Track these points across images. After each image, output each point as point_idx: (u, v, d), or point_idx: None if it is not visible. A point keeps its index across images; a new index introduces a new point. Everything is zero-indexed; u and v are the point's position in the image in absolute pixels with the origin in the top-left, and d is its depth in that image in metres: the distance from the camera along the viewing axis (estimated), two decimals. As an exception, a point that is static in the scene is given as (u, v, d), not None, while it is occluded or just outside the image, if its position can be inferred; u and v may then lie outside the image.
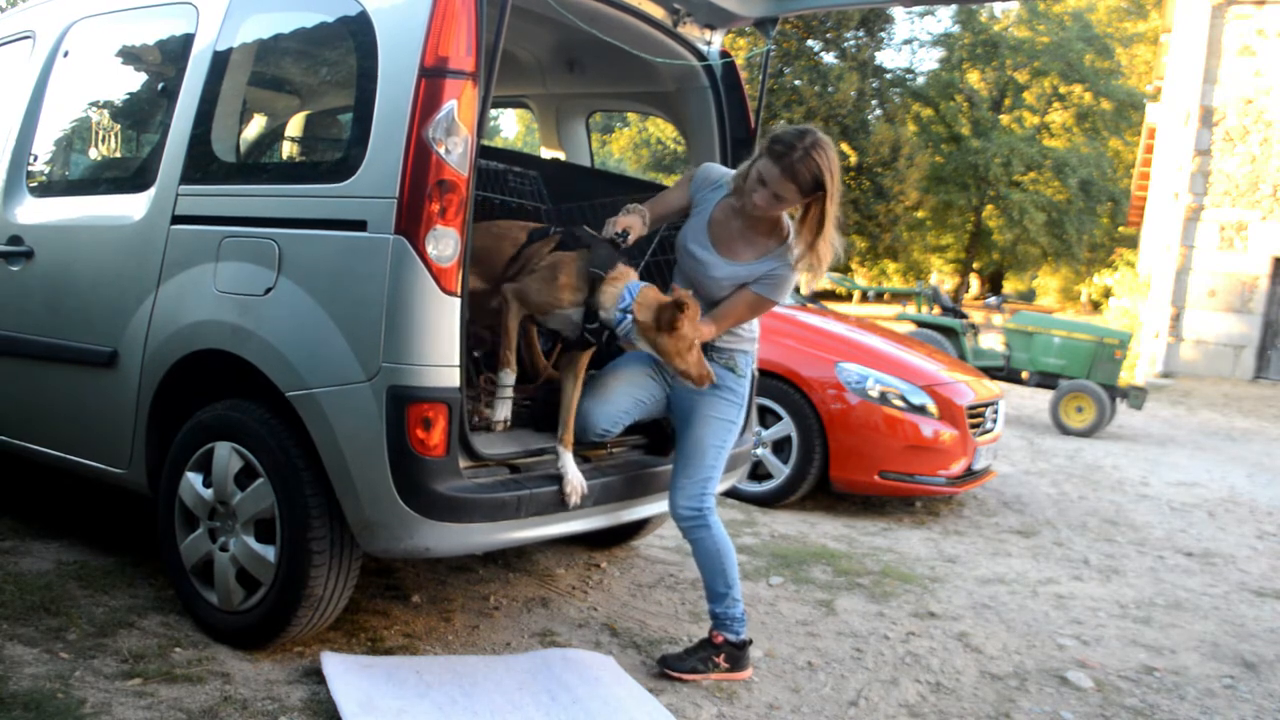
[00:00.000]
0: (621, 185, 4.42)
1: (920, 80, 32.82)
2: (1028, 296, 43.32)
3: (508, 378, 2.99)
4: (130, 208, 3.19)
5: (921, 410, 5.28)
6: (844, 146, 26.64)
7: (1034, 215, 29.42)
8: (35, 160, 3.68)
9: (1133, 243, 27.06)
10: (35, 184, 3.64)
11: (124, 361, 3.13)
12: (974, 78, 33.58)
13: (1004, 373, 9.93)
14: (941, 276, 38.82)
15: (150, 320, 3.05)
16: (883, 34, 28.57)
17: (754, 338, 3.21)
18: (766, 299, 3.04)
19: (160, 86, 3.40)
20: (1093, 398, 9.11)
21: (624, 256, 2.97)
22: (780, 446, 5.31)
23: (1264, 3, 15.30)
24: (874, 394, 5.23)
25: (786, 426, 5.28)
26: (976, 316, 14.68)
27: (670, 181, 3.61)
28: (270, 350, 2.73)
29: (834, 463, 5.23)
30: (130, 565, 3.48)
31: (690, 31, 3.59)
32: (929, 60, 48.19)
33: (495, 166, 4.00)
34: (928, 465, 5.27)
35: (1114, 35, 33.67)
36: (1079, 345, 9.64)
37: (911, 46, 39.23)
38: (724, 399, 3.10)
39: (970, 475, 5.51)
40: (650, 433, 3.34)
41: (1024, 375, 9.96)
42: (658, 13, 3.44)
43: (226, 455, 2.86)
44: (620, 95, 4.61)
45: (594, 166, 4.95)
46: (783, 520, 5.10)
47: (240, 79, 3.13)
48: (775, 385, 5.26)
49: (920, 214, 30.81)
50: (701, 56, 3.66)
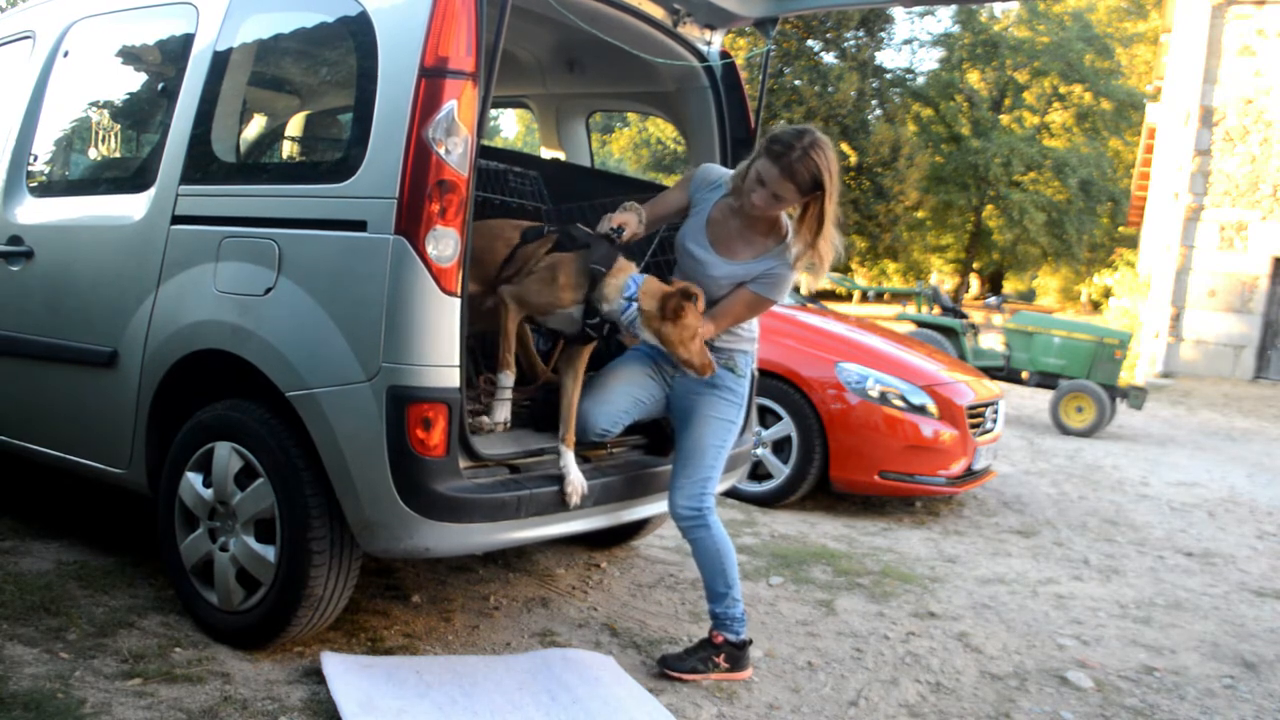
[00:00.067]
0: (621, 185, 4.42)
1: (920, 80, 32.82)
2: (1028, 296, 43.32)
3: (507, 380, 2.99)
4: (130, 208, 3.19)
5: (921, 410, 5.28)
6: (844, 146, 26.63)
7: (1034, 215, 29.43)
8: (35, 160, 3.68)
9: (1133, 243, 27.06)
10: (35, 184, 3.64)
11: (124, 361, 3.13)
12: (974, 78, 33.58)
13: (1004, 373, 9.93)
14: (941, 276, 38.82)
15: (150, 320, 3.05)
16: (883, 34, 28.58)
17: (753, 337, 3.21)
18: (765, 298, 3.04)
19: (160, 86, 3.40)
20: (1093, 398, 9.11)
21: (623, 252, 2.97)
22: (780, 446, 5.31)
23: (1264, 3, 15.30)
24: (874, 394, 5.23)
25: (786, 426, 5.28)
26: (976, 316, 14.68)
27: (670, 181, 3.61)
28: (270, 350, 2.73)
29: (834, 463, 5.24)
30: (130, 565, 3.48)
31: (690, 31, 3.59)
32: (929, 60, 48.26)
33: (495, 166, 4.00)
34: (928, 465, 5.27)
35: (1114, 35, 33.68)
36: (1079, 345, 9.64)
37: (911, 46, 39.30)
38: (723, 399, 3.10)
39: (970, 475, 5.51)
40: (650, 433, 3.34)
41: (1024, 375, 9.96)
42: (658, 13, 3.44)
43: (226, 455, 2.86)
44: (620, 95, 4.61)
45: (594, 166, 4.95)
46: (783, 520, 5.10)
47: (240, 79, 3.13)
48: (775, 385, 5.26)
49: (920, 214, 30.81)
50: (701, 57, 3.66)
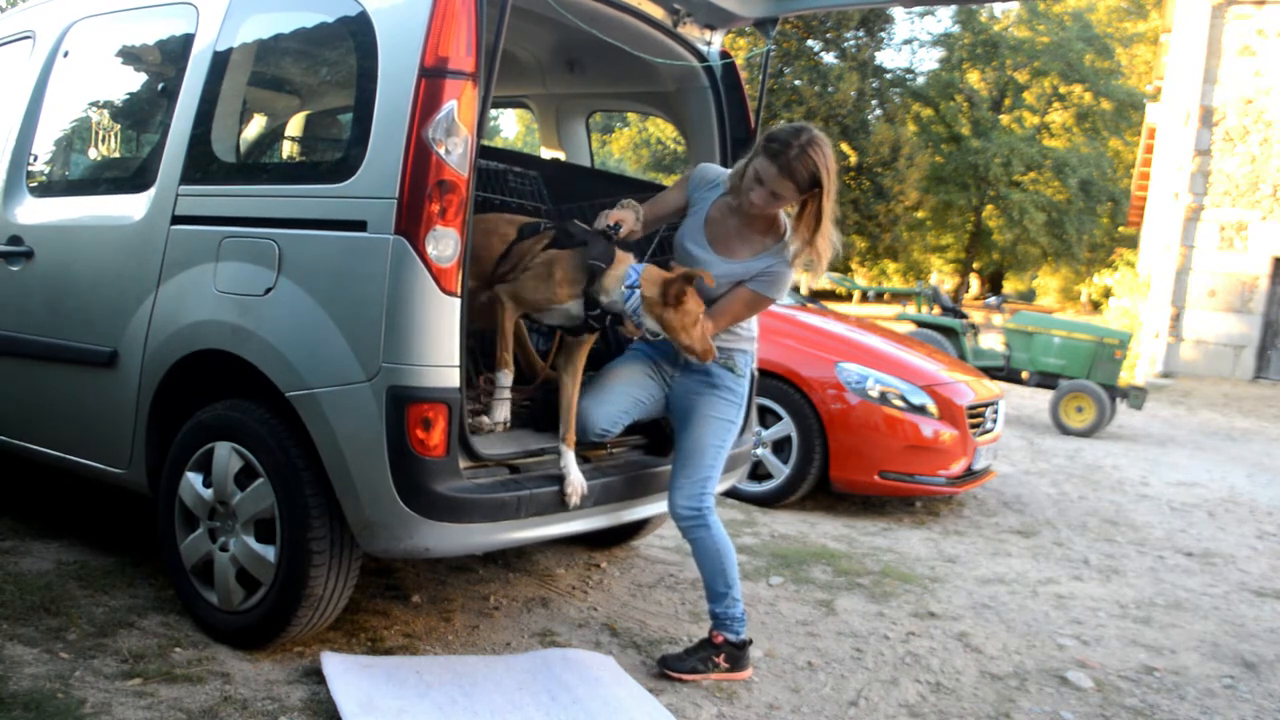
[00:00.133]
0: (621, 185, 4.42)
1: (920, 80, 32.82)
2: (1028, 296, 43.31)
3: (505, 379, 2.98)
4: (130, 208, 3.19)
5: (921, 410, 5.28)
6: (844, 146, 26.64)
7: (1034, 215, 29.43)
8: (35, 160, 3.68)
9: (1133, 243, 27.06)
10: (35, 184, 3.64)
11: (124, 361, 3.13)
12: (974, 78, 33.58)
13: (1004, 373, 9.92)
14: (941, 276, 38.82)
15: (150, 320, 3.05)
16: (883, 34, 28.59)
17: (753, 337, 3.21)
18: (764, 296, 3.04)
19: (160, 86, 3.40)
20: (1093, 398, 9.11)
21: (630, 248, 2.97)
22: (780, 446, 5.31)
23: (1264, 3, 15.30)
24: (874, 394, 5.23)
25: (786, 426, 5.28)
26: (976, 316, 14.68)
27: (670, 181, 3.61)
28: (270, 350, 2.73)
29: (834, 463, 5.23)
30: (130, 565, 3.48)
31: (690, 32, 3.59)
32: (929, 60, 48.26)
33: (495, 166, 3.99)
34: (928, 465, 5.27)
35: (1114, 35, 33.68)
36: (1079, 345, 9.64)
37: (911, 46, 39.31)
38: (723, 398, 3.10)
39: (970, 475, 5.51)
40: (650, 433, 3.34)
41: (1024, 375, 9.96)
42: (658, 13, 3.44)
43: (226, 455, 2.86)
44: (620, 95, 4.61)
45: (594, 166, 4.95)
46: (783, 520, 5.10)
47: (240, 79, 3.13)
48: (775, 385, 5.26)
49: (920, 214, 30.81)
50: (701, 57, 3.65)
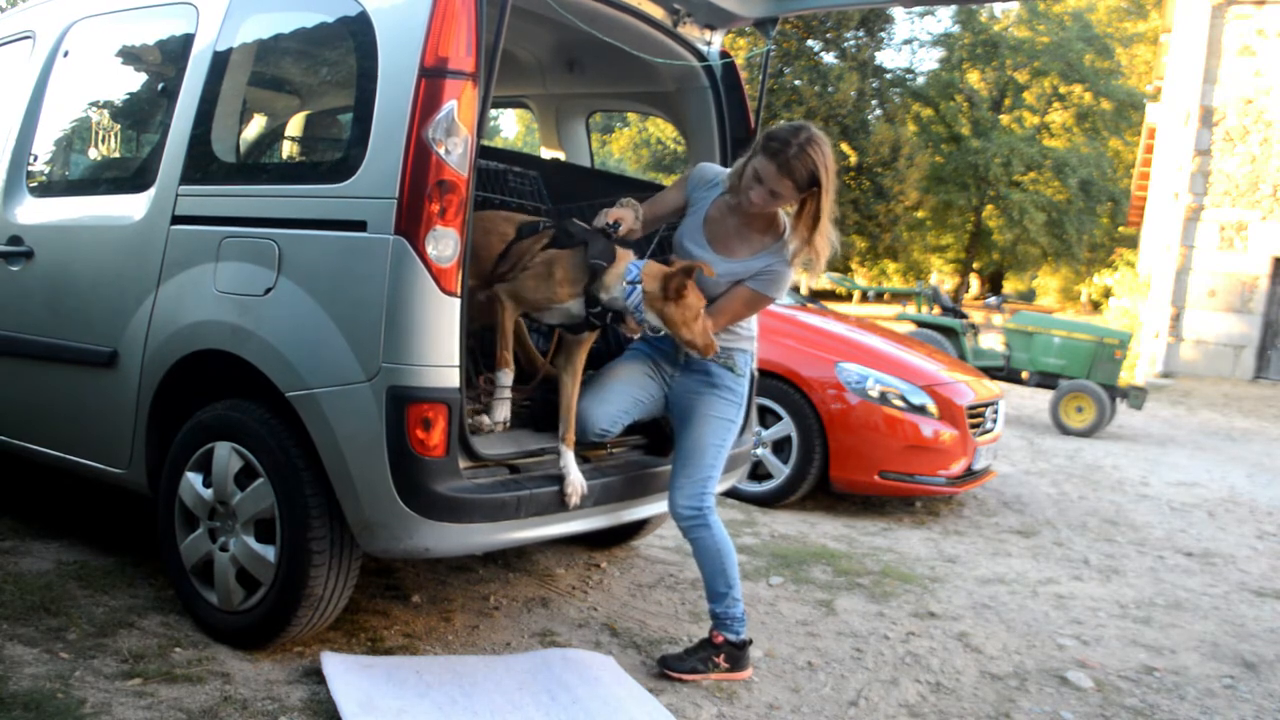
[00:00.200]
0: (621, 185, 4.42)
1: (920, 80, 32.83)
2: (1028, 296, 43.31)
3: (506, 378, 2.97)
4: (130, 208, 3.19)
5: (921, 410, 5.28)
6: (844, 146, 26.63)
7: (1034, 215, 29.43)
8: (35, 160, 3.68)
9: (1133, 243, 27.06)
10: (35, 184, 3.64)
11: (124, 361, 3.13)
12: (974, 78, 33.58)
13: (1004, 373, 9.92)
14: (941, 276, 38.82)
15: (150, 320, 3.05)
16: (883, 34, 28.60)
17: (752, 336, 3.21)
18: (763, 295, 3.04)
19: (160, 86, 3.40)
20: (1093, 398, 9.11)
21: (629, 247, 2.97)
22: (780, 446, 5.31)
23: (1264, 3, 15.30)
24: (874, 394, 5.23)
25: (786, 426, 5.28)
26: (976, 316, 14.68)
27: (670, 181, 3.61)
28: (270, 350, 2.73)
29: (834, 463, 5.23)
30: (130, 565, 3.48)
31: (690, 32, 3.59)
32: (929, 60, 48.26)
33: (495, 166, 4.00)
34: (928, 465, 5.27)
35: (1114, 35, 33.68)
36: (1079, 345, 9.64)
37: (911, 46, 39.31)
38: (723, 398, 3.10)
39: (970, 475, 5.51)
40: (650, 433, 3.33)
41: (1024, 375, 9.96)
42: (657, 13, 3.44)
43: (226, 455, 2.86)
44: (620, 95, 4.61)
45: (594, 166, 4.95)
46: (783, 520, 5.10)
47: (240, 79, 3.13)
48: (775, 385, 5.26)
49: (920, 214, 30.82)
50: (701, 57, 3.65)
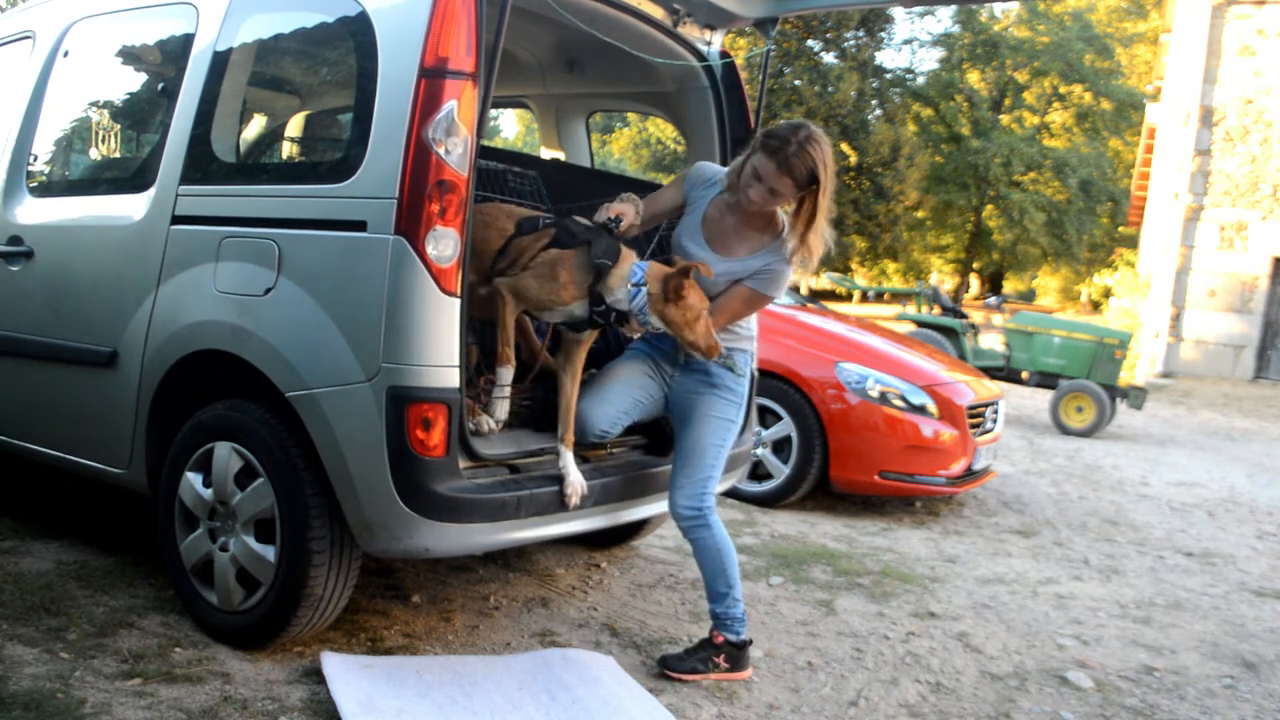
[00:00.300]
0: (621, 185, 4.40)
1: (920, 80, 32.83)
2: (1028, 296, 43.32)
3: (507, 374, 2.96)
4: (130, 208, 3.19)
5: (921, 410, 5.28)
6: (844, 146, 26.61)
7: (1034, 215, 29.43)
8: (35, 160, 3.68)
9: (1133, 243, 27.06)
10: (35, 184, 3.64)
11: (124, 362, 3.13)
12: (974, 78, 33.58)
13: (1004, 373, 9.92)
14: (941, 276, 38.82)
15: (150, 320, 3.05)
16: (883, 34, 28.59)
17: (752, 336, 3.21)
18: (762, 294, 3.04)
19: (160, 86, 3.40)
20: (1093, 398, 9.11)
21: (624, 243, 2.96)
22: (780, 446, 5.31)
23: (1264, 3, 15.31)
24: (874, 394, 5.23)
25: (786, 426, 5.28)
26: (976, 316, 14.68)
27: (669, 181, 3.61)
28: (270, 350, 2.73)
29: (834, 463, 5.23)
30: (130, 565, 3.48)
31: (690, 32, 3.59)
32: (929, 60, 48.27)
33: (495, 166, 4.00)
34: (928, 465, 5.27)
35: (1114, 35, 33.68)
36: (1079, 345, 9.64)
37: (911, 46, 39.32)
38: (723, 398, 3.10)
39: (970, 475, 5.51)
40: (650, 433, 3.33)
41: (1024, 375, 9.96)
42: (657, 13, 3.44)
43: (226, 455, 2.86)
44: (620, 95, 4.61)
45: (594, 166, 4.95)
46: (783, 520, 5.10)
47: (240, 79, 3.13)
48: (775, 385, 5.26)
49: (920, 214, 30.82)
50: (701, 57, 3.65)
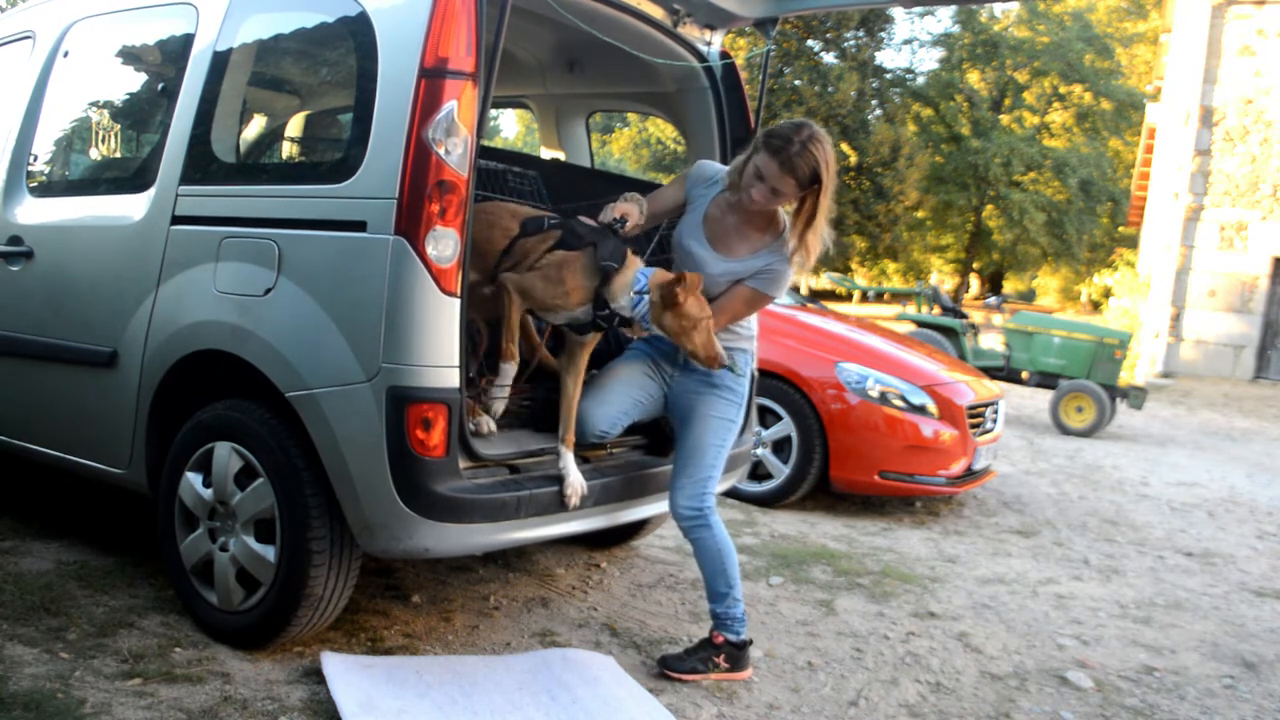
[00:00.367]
0: (621, 185, 4.41)
1: (920, 80, 32.82)
2: (1028, 296, 43.32)
3: (510, 370, 2.97)
4: (130, 208, 3.19)
5: (921, 410, 5.28)
6: (844, 146, 26.64)
7: (1034, 215, 29.43)
8: (35, 160, 3.68)
9: (1133, 243, 27.06)
10: (35, 184, 3.64)
11: (124, 362, 3.13)
12: (974, 78, 33.58)
13: (1004, 373, 9.92)
14: (941, 276, 38.82)
15: (150, 320, 3.05)
16: (883, 34, 28.59)
17: (752, 335, 3.20)
18: (763, 294, 3.03)
19: (160, 86, 3.40)
20: (1093, 398, 9.11)
21: (630, 245, 2.96)
22: (780, 446, 5.31)
23: (1264, 3, 15.31)
24: (874, 394, 5.23)
25: (786, 426, 5.28)
26: (976, 316, 14.68)
27: (670, 180, 3.61)
28: (270, 350, 2.73)
29: (834, 463, 5.23)
30: (130, 565, 3.48)
31: (690, 32, 3.59)
32: (929, 60, 48.25)
33: (495, 166, 4.00)
34: (928, 465, 5.27)
35: (1114, 35, 33.68)
36: (1079, 345, 9.64)
37: (911, 46, 39.29)
38: (723, 398, 3.10)
39: (970, 475, 5.51)
40: (650, 433, 3.33)
41: (1024, 375, 9.96)
42: (657, 13, 3.44)
43: (226, 455, 2.86)
44: (620, 95, 4.61)
45: (594, 166, 4.95)
46: (783, 520, 5.10)
47: (240, 79, 3.13)
48: (775, 385, 5.26)
49: (920, 214, 30.82)
50: (701, 57, 3.65)
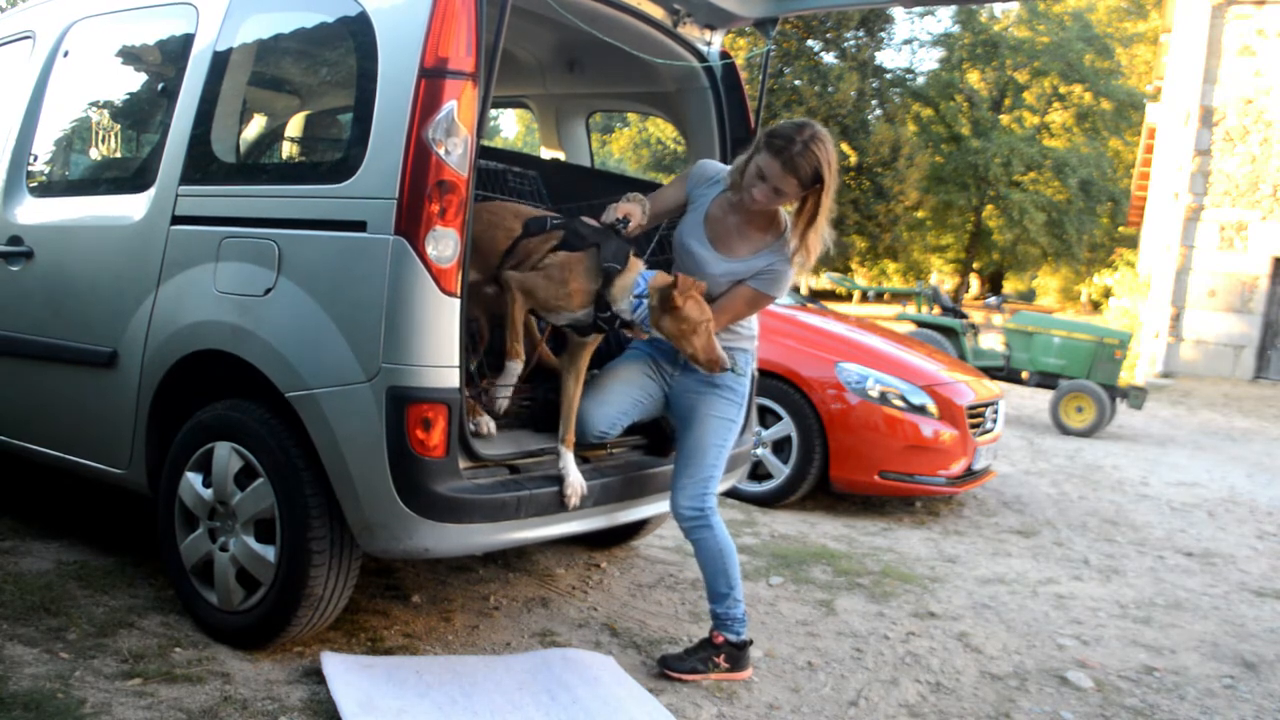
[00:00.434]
0: (621, 185, 4.41)
1: (920, 80, 32.82)
2: (1028, 296, 43.32)
3: (516, 368, 2.96)
4: (130, 208, 3.19)
5: (921, 410, 5.28)
6: (844, 146, 26.63)
7: (1034, 215, 29.43)
8: (35, 160, 3.68)
9: (1133, 243, 27.06)
10: (35, 184, 3.64)
11: (124, 362, 3.13)
12: (974, 78, 33.58)
13: (1004, 373, 9.93)
14: (941, 276, 38.82)
15: (150, 321, 3.05)
16: (883, 34, 28.60)
17: (753, 335, 3.20)
18: (764, 294, 3.03)
19: (160, 86, 3.40)
20: (1093, 398, 9.11)
21: (633, 246, 2.96)
22: (780, 446, 5.31)
23: (1264, 3, 15.31)
24: (874, 394, 5.23)
25: (786, 426, 5.28)
26: (976, 316, 14.68)
27: (671, 180, 3.62)
28: (270, 351, 2.73)
29: (834, 463, 5.23)
30: (130, 565, 3.48)
31: (690, 32, 3.59)
32: (929, 60, 48.24)
33: (495, 166, 4.00)
34: (928, 465, 5.27)
35: (1114, 35, 33.68)
36: (1079, 345, 9.64)
37: (911, 46, 39.28)
38: (724, 398, 3.10)
39: (970, 475, 5.51)
40: (650, 433, 3.33)
41: (1024, 375, 9.96)
42: (658, 13, 3.44)
43: (226, 455, 2.86)
44: (620, 95, 4.61)
45: (594, 166, 4.95)
46: (783, 520, 5.10)
47: (240, 79, 3.13)
48: (775, 385, 5.26)
49: (920, 214, 30.82)
50: (701, 57, 3.65)
